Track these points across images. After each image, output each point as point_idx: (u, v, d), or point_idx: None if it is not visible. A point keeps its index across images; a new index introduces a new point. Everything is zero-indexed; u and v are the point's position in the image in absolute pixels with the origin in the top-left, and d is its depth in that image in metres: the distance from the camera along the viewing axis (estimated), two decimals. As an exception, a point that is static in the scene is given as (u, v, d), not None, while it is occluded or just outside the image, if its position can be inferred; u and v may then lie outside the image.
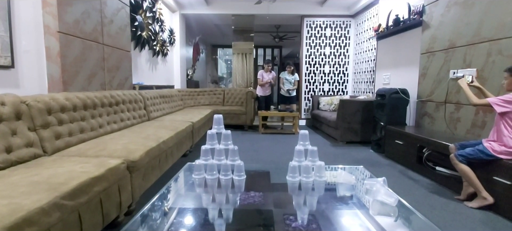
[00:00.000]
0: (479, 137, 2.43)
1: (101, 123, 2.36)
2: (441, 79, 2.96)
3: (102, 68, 2.83)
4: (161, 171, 2.25)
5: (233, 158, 1.39)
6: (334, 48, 5.68)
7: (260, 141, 4.26)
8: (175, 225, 1.01)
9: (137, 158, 1.71)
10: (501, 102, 1.84)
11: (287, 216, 1.00)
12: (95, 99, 2.34)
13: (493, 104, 1.87)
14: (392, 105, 3.38)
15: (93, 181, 1.31)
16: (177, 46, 5.82)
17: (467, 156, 1.97)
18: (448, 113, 2.85)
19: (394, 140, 3.11)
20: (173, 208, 1.17)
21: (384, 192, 1.15)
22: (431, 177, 2.53)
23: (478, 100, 2.01)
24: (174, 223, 1.03)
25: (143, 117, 3.19)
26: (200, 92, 5.68)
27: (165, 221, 1.07)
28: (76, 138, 2.02)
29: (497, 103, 1.85)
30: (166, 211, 1.10)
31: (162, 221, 1.07)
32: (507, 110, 1.83)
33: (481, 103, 1.99)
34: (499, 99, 1.87)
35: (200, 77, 8.78)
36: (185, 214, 1.07)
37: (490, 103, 1.89)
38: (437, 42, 3.03)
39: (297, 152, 1.37)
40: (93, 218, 1.31)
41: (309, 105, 5.86)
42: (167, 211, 1.11)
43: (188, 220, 1.02)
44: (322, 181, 1.35)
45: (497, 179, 1.85)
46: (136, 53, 4.06)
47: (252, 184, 1.36)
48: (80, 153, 1.75)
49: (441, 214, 1.87)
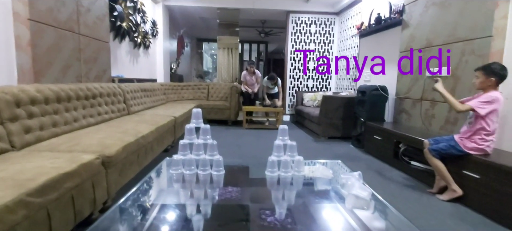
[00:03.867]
0: (451, 132, 2.55)
1: (76, 116, 2.26)
2: (418, 77, 3.07)
3: (78, 59, 2.70)
4: (140, 166, 2.20)
5: (211, 153, 1.38)
6: (319, 44, 5.75)
7: (244, 136, 4.25)
8: (150, 221, 0.99)
9: (113, 153, 1.66)
10: (482, 105, 1.88)
11: (263, 211, 1.01)
12: (69, 92, 2.23)
13: (477, 108, 1.88)
14: (372, 102, 3.47)
15: (64, 177, 1.25)
16: (160, 38, 5.67)
17: (440, 151, 2.07)
18: (424, 110, 2.97)
19: (373, 136, 3.21)
20: (148, 204, 1.15)
21: (359, 186, 1.18)
22: (407, 171, 2.63)
23: (461, 107, 1.97)
24: (149, 219, 1.01)
25: (122, 111, 3.09)
26: (184, 87, 5.57)
27: (140, 217, 1.04)
28: (48, 132, 1.92)
29: (480, 106, 1.88)
30: (141, 207, 1.08)
31: (136, 217, 1.04)
32: (489, 111, 1.88)
33: (465, 110, 1.96)
34: (479, 102, 1.90)
35: (185, 72, 8.62)
36: (161, 209, 1.05)
37: (474, 108, 1.90)
38: (415, 41, 3.13)
39: (276, 146, 1.38)
40: (63, 216, 1.26)
41: (293, 101, 5.92)
42: (143, 207, 1.08)
43: (164, 216, 1.00)
44: (300, 176, 1.37)
45: (466, 173, 1.96)
46: (116, 45, 3.92)
47: (231, 179, 1.36)
48: (51, 148, 1.67)
49: (414, 206, 1.95)
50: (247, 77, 5.19)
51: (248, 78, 5.19)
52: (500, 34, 2.21)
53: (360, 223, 1.02)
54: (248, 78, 5.19)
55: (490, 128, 1.91)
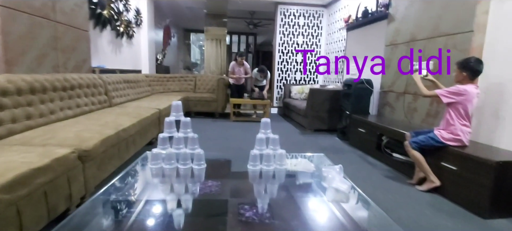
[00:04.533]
0: (432, 125, 2.62)
1: (53, 108, 2.17)
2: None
3: (55, 48, 2.56)
4: (121, 160, 2.14)
5: (192, 147, 1.35)
6: (307, 37, 5.73)
7: (231, 128, 4.22)
8: (127, 216, 0.96)
9: (91, 146, 1.60)
10: (447, 94, 1.99)
11: (242, 206, 0.99)
12: (45, 83, 2.13)
13: (440, 95, 2.02)
14: (357, 95, 3.51)
15: (35, 172, 1.19)
16: (145, 28, 5.49)
17: (419, 143, 2.12)
18: (407, 104, 3.03)
19: (357, 128, 3.26)
20: (126, 198, 1.11)
21: (339, 179, 1.19)
22: (389, 163, 2.69)
23: (427, 92, 2.15)
24: (126, 214, 0.98)
25: (103, 103, 2.99)
26: (170, 78, 5.45)
27: (116, 211, 1.01)
28: (22, 125, 1.83)
29: (444, 94, 2.00)
30: (118, 202, 1.04)
31: (112, 212, 1.01)
32: (452, 101, 1.98)
33: (429, 95, 2.12)
34: (446, 91, 2.01)
35: (172, 63, 8.43)
36: (139, 204, 1.02)
37: (438, 94, 2.03)
38: (400, 35, 3.17)
39: (258, 140, 1.36)
40: (35, 212, 1.20)
41: (281, 93, 5.91)
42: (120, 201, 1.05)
43: (142, 211, 0.97)
44: (282, 169, 1.36)
45: (444, 164, 2.02)
46: (96, 34, 3.75)
47: (212, 173, 1.34)
48: (24, 142, 1.59)
49: (395, 197, 2.00)
50: (235, 68, 5.10)
51: (237, 69, 5.10)
52: (481, 29, 2.26)
53: (340, 215, 1.03)
54: (236, 70, 5.10)
55: (453, 120, 1.99)
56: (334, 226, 0.98)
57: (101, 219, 0.97)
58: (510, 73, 2.05)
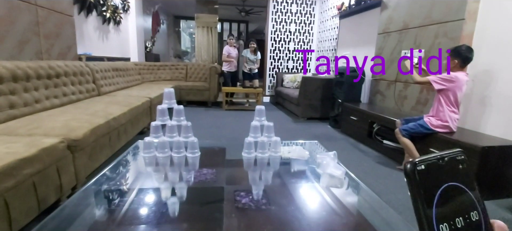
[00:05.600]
0: (421, 112, 2.68)
1: (38, 97, 2.08)
2: (394, 59, 3.14)
3: (37, 34, 2.44)
4: (113, 150, 2.10)
5: (186, 135, 1.33)
6: (299, 25, 5.68)
7: (223, 117, 4.20)
8: (121, 205, 0.94)
9: (80, 136, 1.55)
10: (439, 80, 2.02)
11: (238, 193, 0.99)
12: (28, 70, 2.03)
13: (432, 82, 2.04)
14: (349, 83, 3.53)
15: (22, 162, 1.15)
16: (133, 14, 5.30)
17: (409, 130, 2.16)
18: (397, 91, 3.07)
19: (349, 116, 3.29)
20: (119, 187, 1.09)
21: (334, 165, 1.20)
22: (379, 149, 2.75)
23: (420, 78, 2.18)
24: (120, 203, 0.96)
25: (91, 91, 2.90)
26: (161, 67, 5.33)
27: (109, 201, 0.98)
28: (5, 114, 1.75)
29: (436, 81, 2.03)
30: (111, 191, 1.02)
31: (105, 201, 0.99)
32: (443, 88, 2.01)
33: (422, 81, 2.15)
34: (438, 77, 2.04)
35: (161, 51, 8.22)
36: (132, 193, 1.00)
37: (430, 81, 2.06)
38: (393, 23, 3.18)
39: (253, 127, 1.35)
40: (24, 204, 1.17)
41: (273, 82, 5.89)
42: (112, 191, 1.02)
43: (135, 200, 0.96)
44: (277, 156, 1.36)
45: (432, 150, 2.07)
46: (82, 19, 3.60)
47: (207, 161, 1.32)
48: (8, 132, 1.53)
49: (385, 182, 2.06)
50: (231, 51, 4.97)
51: (232, 51, 4.98)
52: (472, 17, 2.28)
53: (335, 200, 1.04)
54: (232, 52, 4.97)
55: (443, 106, 2.04)
56: (329, 210, 0.99)
57: (94, 209, 0.95)
58: (498, 61, 2.09)
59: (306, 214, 0.95)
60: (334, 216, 0.95)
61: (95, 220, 0.90)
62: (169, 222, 0.84)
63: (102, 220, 0.89)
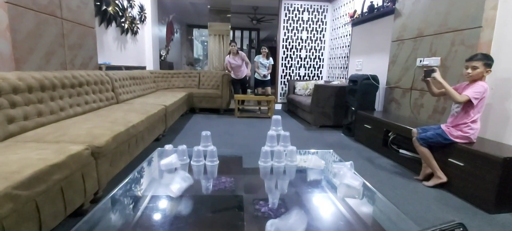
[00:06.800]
0: (439, 121, 2.62)
1: (63, 106, 2.19)
2: (408, 66, 3.11)
3: (62, 45, 2.58)
4: (131, 156, 2.16)
5: (205, 144, 1.37)
6: (311, 32, 5.71)
7: (236, 124, 4.24)
8: (143, 211, 0.98)
9: (103, 143, 1.62)
10: (476, 95, 1.91)
11: (257, 201, 1.01)
12: (54, 80, 2.15)
13: (472, 99, 1.91)
14: (363, 91, 3.51)
15: (52, 168, 1.22)
16: (149, 24, 5.49)
17: (427, 140, 2.13)
18: (413, 100, 3.02)
19: (363, 124, 3.26)
20: (141, 194, 1.13)
21: (350, 176, 1.20)
22: (395, 159, 2.70)
23: (461, 98, 1.97)
24: (142, 209, 1.00)
25: (111, 99, 3.01)
26: (175, 75, 5.46)
27: (132, 207, 1.03)
28: (33, 122, 1.85)
29: (475, 97, 1.91)
30: (134, 198, 1.06)
31: (128, 208, 1.03)
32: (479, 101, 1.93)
33: (464, 100, 1.96)
34: (474, 92, 1.92)
35: (175, 59, 8.43)
36: (153, 200, 1.04)
37: (471, 99, 1.91)
38: (407, 30, 3.15)
39: (270, 137, 1.38)
40: (53, 208, 1.23)
41: (285, 89, 5.91)
42: (135, 197, 1.07)
43: (156, 207, 0.99)
44: (293, 166, 1.38)
45: (451, 160, 2.02)
46: (102, 31, 3.77)
47: (225, 169, 1.35)
48: (37, 139, 1.62)
49: (402, 193, 2.02)
50: (231, 60, 4.89)
51: (232, 60, 4.89)
52: (489, 24, 2.24)
53: (351, 211, 1.04)
54: (232, 61, 4.89)
55: (475, 117, 1.97)
56: (346, 220, 1.00)
57: (119, 215, 1.00)
58: (519, 69, 2.04)
59: (325, 223, 0.96)
60: (352, 226, 0.95)
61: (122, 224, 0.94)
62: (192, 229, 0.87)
63: (128, 224, 0.93)
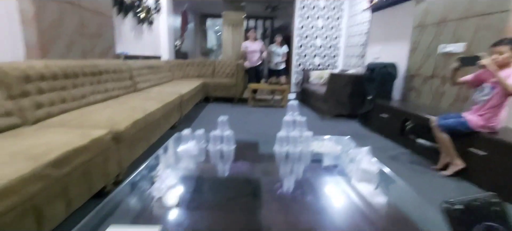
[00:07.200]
0: (461, 110, 2.51)
1: (84, 93, 2.28)
2: (430, 53, 2.98)
3: (82, 34, 2.67)
4: (149, 143, 2.23)
5: (222, 129, 1.39)
6: (327, 20, 5.56)
7: (250, 113, 4.26)
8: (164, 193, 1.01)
9: (123, 128, 1.68)
10: None
11: (274, 184, 1.02)
12: (76, 68, 2.23)
13: None
14: (380, 79, 3.41)
15: (76, 151, 1.28)
16: (164, 14, 5.54)
17: (448, 127, 2.05)
18: (434, 88, 2.91)
19: (380, 113, 3.18)
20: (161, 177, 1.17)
21: (368, 161, 1.19)
22: (412, 148, 2.63)
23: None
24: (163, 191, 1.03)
25: (129, 87, 3.09)
26: (189, 64, 5.52)
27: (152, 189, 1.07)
28: (58, 108, 1.94)
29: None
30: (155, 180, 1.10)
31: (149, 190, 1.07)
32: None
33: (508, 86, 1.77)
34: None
35: (189, 49, 8.50)
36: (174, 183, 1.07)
37: None
38: (429, 15, 3.00)
39: (286, 122, 1.38)
40: (78, 188, 1.30)
41: (299, 79, 5.84)
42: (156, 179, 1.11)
43: (178, 189, 1.03)
44: (309, 151, 1.38)
45: (472, 150, 1.95)
46: (119, 20, 3.84)
47: (241, 154, 1.37)
48: (62, 124, 1.70)
49: (418, 182, 1.97)
50: (249, 44, 4.98)
51: (250, 45, 4.99)
52: (520, 7, 2.10)
53: (369, 195, 1.03)
54: (249, 46, 4.98)
55: (499, 107, 1.88)
56: (363, 204, 0.99)
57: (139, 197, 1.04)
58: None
59: (342, 207, 0.96)
60: (369, 210, 0.95)
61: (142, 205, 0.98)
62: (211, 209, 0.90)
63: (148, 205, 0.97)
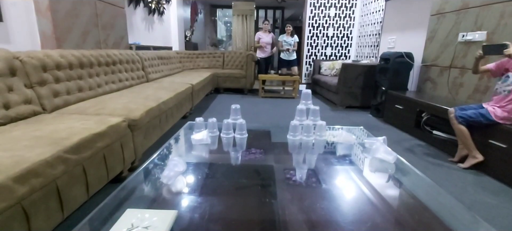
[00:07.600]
0: (480, 101, 2.42)
1: (99, 82, 2.32)
2: (448, 42, 2.86)
3: (96, 25, 2.70)
4: (162, 131, 2.27)
5: (235, 117, 1.39)
6: (340, 9, 5.42)
7: (260, 104, 4.25)
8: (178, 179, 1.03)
9: (138, 116, 1.71)
10: None
11: (288, 171, 1.02)
12: (91, 58, 2.27)
13: None
14: (395, 69, 3.31)
15: (95, 137, 1.32)
16: (174, 4, 5.54)
17: (467, 118, 1.98)
18: (452, 78, 2.81)
19: (394, 105, 3.11)
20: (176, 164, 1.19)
21: (384, 150, 1.17)
22: (428, 140, 2.57)
23: None
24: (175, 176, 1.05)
25: (141, 78, 3.14)
26: (200, 55, 5.53)
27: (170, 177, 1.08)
28: (75, 96, 1.99)
29: None
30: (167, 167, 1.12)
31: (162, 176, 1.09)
32: None
33: None
34: None
35: (199, 40, 8.49)
36: (187, 170, 1.09)
37: None
38: (449, 2, 2.87)
39: (299, 111, 1.36)
40: (97, 172, 1.35)
41: (310, 70, 5.76)
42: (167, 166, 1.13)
43: (191, 176, 1.04)
44: (322, 140, 1.36)
45: (492, 142, 1.88)
46: (131, 11, 3.87)
47: (254, 142, 1.38)
48: (80, 111, 1.75)
49: (434, 174, 1.93)
50: (262, 35, 5.11)
51: (263, 35, 5.10)
52: (550, -9, 1.97)
53: (386, 185, 1.02)
54: (263, 37, 5.10)
55: None
56: (379, 194, 0.98)
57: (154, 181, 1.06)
58: None
59: (357, 198, 0.95)
60: (384, 200, 0.93)
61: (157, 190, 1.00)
62: (225, 195, 0.91)
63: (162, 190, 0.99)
